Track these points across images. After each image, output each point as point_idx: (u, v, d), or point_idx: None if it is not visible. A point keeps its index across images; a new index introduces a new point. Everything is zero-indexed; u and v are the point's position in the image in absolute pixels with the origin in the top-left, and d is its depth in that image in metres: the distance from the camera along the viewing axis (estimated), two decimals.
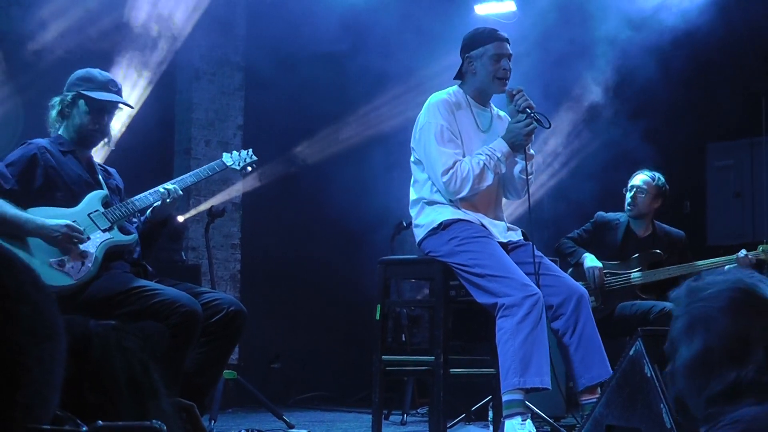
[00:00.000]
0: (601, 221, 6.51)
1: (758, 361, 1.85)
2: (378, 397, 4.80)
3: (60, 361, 1.13)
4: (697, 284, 1.97)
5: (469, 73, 4.73)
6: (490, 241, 4.53)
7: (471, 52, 4.70)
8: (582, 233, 6.52)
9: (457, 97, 4.73)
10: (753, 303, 1.89)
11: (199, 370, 4.27)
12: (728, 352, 1.88)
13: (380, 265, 4.91)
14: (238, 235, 8.59)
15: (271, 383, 8.09)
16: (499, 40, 4.68)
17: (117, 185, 4.66)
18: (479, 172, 4.53)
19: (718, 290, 1.92)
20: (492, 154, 4.57)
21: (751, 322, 1.88)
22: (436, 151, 4.57)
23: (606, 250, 6.37)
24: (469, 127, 4.70)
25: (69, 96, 4.43)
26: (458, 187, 4.54)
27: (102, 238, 4.34)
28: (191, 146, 8.33)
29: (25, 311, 1.09)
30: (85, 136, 4.47)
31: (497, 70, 4.66)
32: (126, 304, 4.17)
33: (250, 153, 4.95)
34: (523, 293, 4.31)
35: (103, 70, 4.61)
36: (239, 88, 8.63)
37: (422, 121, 4.67)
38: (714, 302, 1.92)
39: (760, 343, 1.86)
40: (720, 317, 1.90)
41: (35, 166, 4.33)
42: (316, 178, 8.62)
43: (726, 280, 1.94)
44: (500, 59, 4.66)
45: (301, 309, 8.72)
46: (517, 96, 4.61)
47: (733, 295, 1.90)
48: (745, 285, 1.92)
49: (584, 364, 4.41)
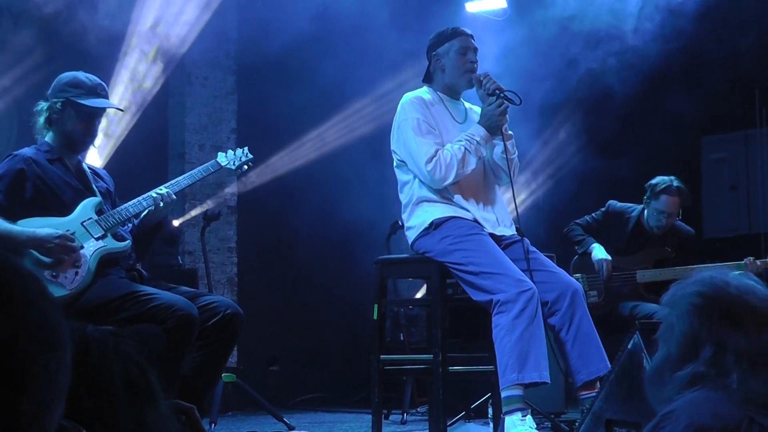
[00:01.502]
0: (613, 211, 6.39)
1: (706, 358, 1.89)
2: (377, 397, 4.80)
3: (65, 370, 1.14)
4: (671, 290, 2.02)
5: (438, 70, 4.81)
6: (483, 238, 4.53)
7: (437, 50, 4.78)
8: (592, 221, 6.41)
9: (430, 95, 4.80)
10: (710, 307, 1.92)
11: (197, 373, 4.26)
12: (682, 356, 1.92)
13: (376, 264, 4.90)
14: (235, 239, 8.58)
15: (271, 385, 8.09)
16: (463, 34, 4.77)
17: (108, 188, 4.60)
18: (461, 157, 4.57)
19: (681, 295, 1.96)
20: (471, 138, 4.61)
21: (703, 325, 1.91)
22: (415, 143, 4.60)
23: (613, 241, 6.26)
24: (446, 119, 4.76)
25: (58, 103, 4.35)
26: (444, 174, 4.56)
27: (95, 246, 4.31)
28: (185, 150, 8.32)
29: (33, 319, 1.09)
30: (75, 143, 4.43)
31: (464, 63, 4.74)
32: (122, 309, 4.15)
33: (245, 151, 4.91)
34: (518, 288, 4.31)
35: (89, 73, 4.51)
36: (232, 91, 8.63)
37: (398, 119, 4.73)
38: (675, 309, 1.96)
39: (707, 342, 1.90)
40: (677, 324, 1.94)
41: (23, 180, 4.28)
42: (311, 179, 8.62)
43: (694, 283, 1.97)
44: (466, 52, 4.74)
45: (299, 310, 8.72)
46: (484, 80, 4.67)
47: (692, 301, 1.94)
48: (709, 288, 1.94)
49: (582, 360, 4.41)
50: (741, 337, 1.89)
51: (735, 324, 1.90)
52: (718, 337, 1.89)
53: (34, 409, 1.08)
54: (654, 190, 6.20)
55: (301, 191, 8.56)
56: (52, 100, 4.38)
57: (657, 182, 6.21)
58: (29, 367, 1.08)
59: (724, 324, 1.90)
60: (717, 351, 1.89)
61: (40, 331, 1.10)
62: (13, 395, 1.06)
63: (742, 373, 1.87)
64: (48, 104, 4.38)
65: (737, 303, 1.92)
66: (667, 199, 6.16)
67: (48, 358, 1.10)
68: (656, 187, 6.19)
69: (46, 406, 1.10)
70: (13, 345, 1.06)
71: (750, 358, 1.87)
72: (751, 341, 1.88)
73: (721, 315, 1.91)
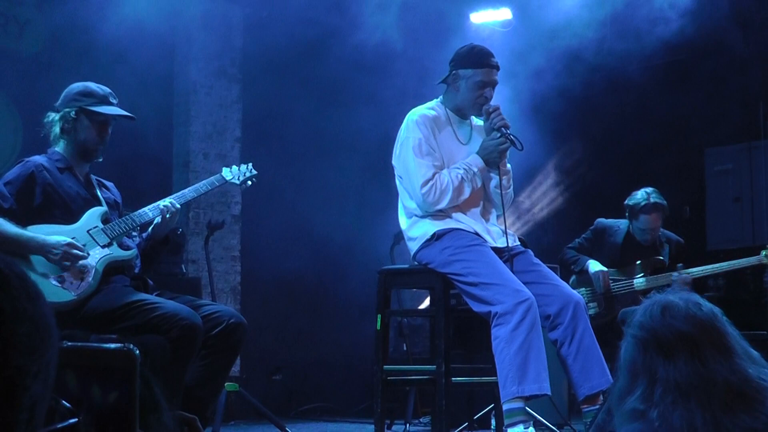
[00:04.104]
0: (601, 228, 6.53)
1: (640, 392, 1.92)
2: (380, 407, 4.80)
3: (55, 359, 1.13)
4: (632, 315, 2.06)
5: (452, 87, 4.79)
6: (484, 249, 4.55)
7: (459, 70, 4.74)
8: (583, 242, 6.53)
9: (437, 112, 4.79)
10: (646, 339, 1.94)
11: (200, 382, 4.26)
12: (627, 388, 1.96)
13: (380, 275, 4.91)
14: (238, 248, 8.58)
15: (274, 395, 8.08)
16: (489, 67, 4.72)
17: (115, 199, 4.66)
18: (458, 185, 4.60)
19: (629, 323, 2.01)
20: (468, 168, 4.65)
21: (639, 356, 1.94)
22: (414, 164, 4.62)
23: (607, 257, 6.39)
24: (450, 141, 4.76)
25: (72, 112, 4.41)
26: (437, 198, 4.58)
27: (101, 254, 4.34)
28: (190, 159, 8.33)
29: (23, 331, 1.09)
30: (89, 151, 4.48)
31: (478, 97, 4.72)
32: (126, 318, 4.17)
33: (249, 167, 4.97)
34: (515, 300, 4.31)
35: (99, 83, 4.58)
36: (237, 100, 8.64)
37: (402, 136, 4.74)
38: (625, 339, 2.00)
39: (642, 373, 1.93)
40: (623, 356, 1.99)
41: (33, 185, 4.33)
42: (315, 188, 8.62)
43: (642, 310, 2.00)
44: (485, 87, 4.71)
45: (302, 320, 8.72)
46: (493, 114, 4.67)
47: (633, 333, 1.97)
48: (648, 319, 1.96)
49: (584, 374, 4.41)
50: (671, 367, 1.89)
51: (666, 354, 1.91)
52: (650, 368, 1.91)
53: (28, 416, 1.08)
54: (633, 210, 6.37)
55: (304, 200, 8.57)
56: (65, 109, 4.43)
57: (633, 203, 6.36)
58: (22, 381, 1.07)
59: (656, 354, 1.92)
60: (649, 382, 1.90)
61: (31, 341, 1.09)
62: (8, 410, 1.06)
63: (665, 407, 1.87)
64: (60, 114, 4.43)
65: (670, 332, 1.93)
66: (645, 218, 6.33)
67: (40, 363, 1.10)
68: (634, 208, 6.35)
69: (40, 403, 1.10)
70: (5, 362, 1.06)
71: (678, 389, 1.88)
72: (677, 370, 1.89)
73: (654, 345, 1.92)
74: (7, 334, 1.07)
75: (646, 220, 6.29)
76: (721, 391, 1.87)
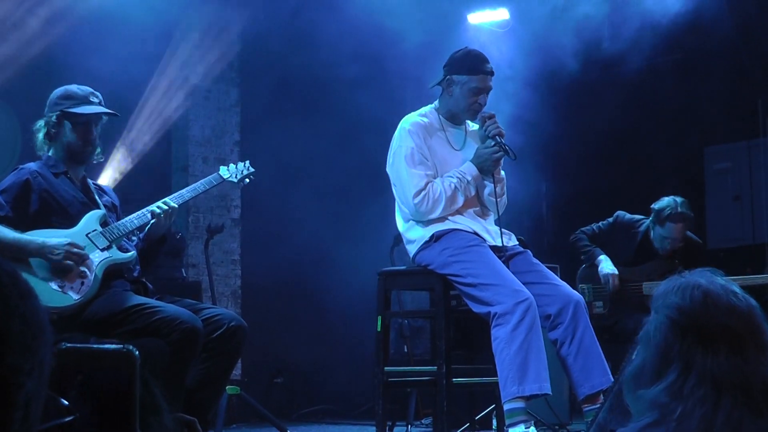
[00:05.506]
0: (621, 222, 6.35)
1: (671, 381, 1.85)
2: (381, 409, 4.80)
3: (49, 356, 1.13)
4: (660, 289, 1.96)
5: (446, 92, 4.78)
6: (483, 249, 4.55)
7: (453, 75, 4.72)
8: (598, 230, 6.36)
9: (430, 119, 4.78)
10: (686, 325, 1.86)
11: (201, 386, 4.26)
12: (655, 370, 1.88)
13: (380, 276, 4.91)
14: (238, 251, 8.58)
15: (275, 398, 8.08)
16: (484, 73, 4.71)
17: (113, 203, 4.65)
18: (451, 194, 4.60)
19: (662, 304, 1.91)
20: (462, 177, 4.64)
21: (675, 342, 1.86)
22: (407, 174, 4.63)
23: (620, 253, 6.23)
24: (443, 148, 4.76)
25: (53, 116, 4.40)
26: (429, 208, 4.59)
27: (101, 257, 4.33)
28: (189, 163, 8.33)
29: (16, 328, 1.08)
30: (76, 154, 4.46)
31: (472, 103, 4.71)
32: (127, 322, 4.16)
33: (247, 165, 4.96)
34: (514, 300, 4.31)
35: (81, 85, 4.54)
36: (235, 104, 8.64)
37: (395, 145, 4.74)
38: (656, 316, 1.91)
39: (676, 360, 1.85)
40: (654, 335, 1.90)
41: (29, 192, 4.32)
42: (315, 191, 8.62)
43: (678, 290, 1.90)
44: (479, 93, 4.71)
45: (303, 323, 8.71)
46: (488, 122, 4.67)
47: (670, 314, 1.88)
48: (689, 303, 1.87)
49: (584, 374, 4.41)
50: (709, 360, 1.82)
51: (706, 345, 1.83)
52: (687, 356, 1.84)
53: (23, 414, 1.08)
54: (659, 216, 6.16)
55: (304, 203, 8.56)
56: (48, 114, 4.43)
57: (662, 207, 6.16)
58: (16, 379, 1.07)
59: (696, 343, 1.84)
60: (682, 370, 1.84)
61: (24, 338, 1.08)
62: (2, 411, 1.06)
63: (692, 404, 1.80)
64: (44, 120, 4.44)
65: (714, 322, 1.85)
66: (671, 227, 6.15)
67: (34, 361, 1.09)
68: (661, 213, 6.15)
69: (36, 401, 1.10)
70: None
71: (713, 382, 1.81)
72: (717, 363, 1.82)
73: (695, 334, 1.85)
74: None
75: (671, 229, 6.12)
76: (758, 390, 1.81)
